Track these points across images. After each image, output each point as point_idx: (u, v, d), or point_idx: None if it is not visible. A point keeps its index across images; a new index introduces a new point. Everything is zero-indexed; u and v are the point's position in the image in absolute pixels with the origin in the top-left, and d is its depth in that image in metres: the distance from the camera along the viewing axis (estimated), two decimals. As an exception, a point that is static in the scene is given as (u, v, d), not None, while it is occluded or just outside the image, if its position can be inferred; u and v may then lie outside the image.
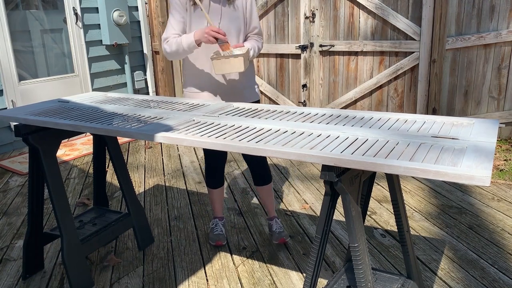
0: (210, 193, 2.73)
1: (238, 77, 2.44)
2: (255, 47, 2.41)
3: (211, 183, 2.68)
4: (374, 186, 3.52)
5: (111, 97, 2.61)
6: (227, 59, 2.12)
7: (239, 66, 2.14)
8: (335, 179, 1.48)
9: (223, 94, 2.45)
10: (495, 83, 4.25)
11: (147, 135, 1.78)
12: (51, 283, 2.38)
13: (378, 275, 2.00)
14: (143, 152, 4.64)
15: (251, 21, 2.44)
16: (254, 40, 2.46)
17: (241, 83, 2.46)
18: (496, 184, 3.47)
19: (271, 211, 2.77)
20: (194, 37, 2.22)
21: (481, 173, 1.24)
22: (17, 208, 3.34)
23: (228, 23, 2.35)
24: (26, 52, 4.97)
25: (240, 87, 2.46)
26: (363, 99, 4.80)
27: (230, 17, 2.35)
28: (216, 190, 2.70)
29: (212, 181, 2.67)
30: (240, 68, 2.14)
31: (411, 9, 4.33)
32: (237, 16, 2.37)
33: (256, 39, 2.46)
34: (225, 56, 2.13)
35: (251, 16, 2.43)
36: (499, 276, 2.32)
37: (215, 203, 2.76)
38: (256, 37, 2.47)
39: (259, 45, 2.45)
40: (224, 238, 2.72)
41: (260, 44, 2.47)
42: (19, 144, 4.82)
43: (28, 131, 2.13)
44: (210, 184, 2.69)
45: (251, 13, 2.43)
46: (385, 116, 1.88)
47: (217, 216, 2.79)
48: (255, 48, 2.40)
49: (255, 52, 2.40)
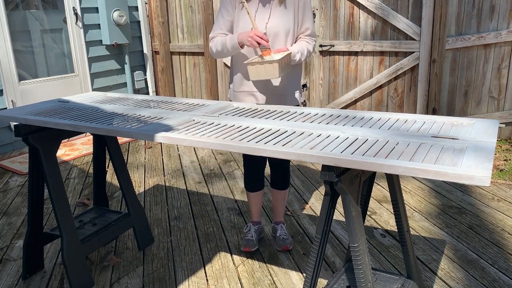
0: (247, 196, 2.66)
1: (282, 80, 2.34)
2: (304, 50, 2.28)
3: (248, 186, 2.60)
4: (374, 186, 3.52)
5: (111, 97, 2.61)
6: (261, 65, 2.03)
7: (273, 73, 2.03)
8: (335, 179, 1.48)
9: (266, 95, 2.36)
10: (495, 83, 4.25)
11: (147, 135, 1.78)
12: (51, 283, 2.38)
13: (378, 275, 2.00)
14: (143, 152, 4.64)
15: (303, 21, 2.31)
16: (305, 42, 2.32)
17: (284, 87, 2.35)
18: (496, 184, 3.47)
19: (279, 216, 2.69)
20: (237, 39, 2.19)
21: (481, 173, 1.24)
22: (17, 208, 3.34)
23: (276, 23, 2.24)
24: (26, 52, 4.97)
25: (282, 90, 2.36)
26: (363, 99, 4.80)
27: (279, 16, 2.25)
28: (253, 193, 2.61)
29: (250, 184, 2.59)
30: (274, 75, 2.04)
31: (411, 9, 4.33)
32: (287, 16, 2.25)
33: (307, 41, 2.33)
34: (259, 62, 2.04)
35: (303, 16, 2.30)
36: (499, 276, 2.32)
37: (251, 207, 2.67)
38: (307, 39, 2.34)
39: (309, 48, 2.31)
40: (254, 244, 2.61)
41: (311, 47, 2.33)
42: (19, 144, 4.82)
43: (28, 131, 2.13)
44: (248, 187, 2.61)
45: (303, 13, 2.29)
46: (385, 116, 1.88)
47: (252, 221, 2.71)
48: (303, 51, 2.27)
49: (303, 55, 2.27)
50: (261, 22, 2.24)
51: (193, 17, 5.64)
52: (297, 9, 2.27)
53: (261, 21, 2.24)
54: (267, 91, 2.36)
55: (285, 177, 2.58)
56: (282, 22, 2.25)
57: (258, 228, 2.70)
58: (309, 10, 2.31)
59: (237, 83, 2.41)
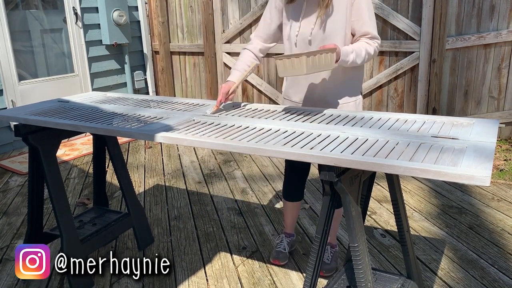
0: (284, 204, 2.49)
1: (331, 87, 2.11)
2: (361, 50, 1.96)
3: (286, 194, 2.41)
4: (374, 186, 3.52)
5: (111, 97, 2.61)
6: (288, 59, 1.81)
7: (301, 69, 1.79)
8: (335, 179, 1.48)
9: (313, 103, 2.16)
10: (495, 83, 4.25)
11: (147, 135, 1.78)
12: (51, 283, 2.38)
13: (378, 275, 2.00)
14: (143, 152, 4.64)
15: (362, 24, 1.99)
16: (364, 42, 2.00)
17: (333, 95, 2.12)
18: (496, 184, 3.47)
19: (332, 238, 2.43)
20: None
21: (481, 173, 1.24)
22: (17, 208, 3.34)
23: (322, 28, 2.00)
24: (26, 52, 4.97)
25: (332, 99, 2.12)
26: (363, 99, 4.79)
27: (326, 21, 2.00)
28: (290, 203, 2.44)
29: (288, 192, 2.40)
30: (301, 71, 1.80)
31: (411, 9, 4.33)
32: (336, 19, 1.99)
33: (366, 42, 2.00)
34: (286, 56, 1.82)
35: (359, 18, 1.98)
36: (499, 276, 2.32)
37: (286, 217, 2.52)
38: (367, 40, 2.01)
39: (368, 49, 1.98)
40: (285, 258, 2.47)
41: (371, 49, 1.99)
42: (19, 144, 4.81)
43: (28, 131, 2.13)
44: (285, 195, 2.42)
45: (359, 15, 1.98)
46: (385, 116, 1.88)
47: (285, 232, 2.56)
48: (360, 52, 1.95)
49: (359, 56, 1.95)
50: (307, 27, 2.03)
51: (193, 17, 5.64)
52: (349, 12, 1.98)
53: (307, 27, 2.03)
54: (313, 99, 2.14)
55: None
56: (331, 26, 1.99)
57: (291, 240, 2.55)
58: (366, 11, 1.98)
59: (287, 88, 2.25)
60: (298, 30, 2.05)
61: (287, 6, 2.09)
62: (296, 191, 2.40)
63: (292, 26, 2.07)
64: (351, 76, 2.11)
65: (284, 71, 1.84)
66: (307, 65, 1.77)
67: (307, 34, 2.04)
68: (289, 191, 2.41)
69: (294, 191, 2.40)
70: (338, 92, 2.11)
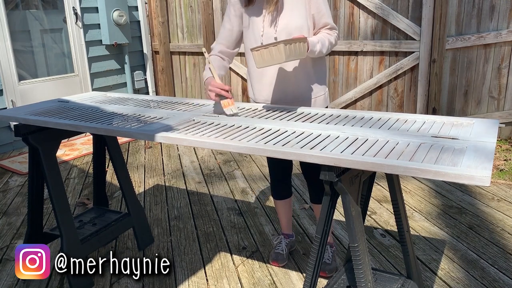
0: (275, 204, 2.51)
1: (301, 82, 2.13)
2: (325, 40, 2.03)
3: (274, 192, 2.45)
4: (374, 186, 3.52)
5: (111, 97, 2.61)
6: (266, 49, 1.81)
7: (280, 57, 1.80)
8: (335, 179, 1.48)
9: (287, 102, 2.17)
10: (495, 83, 4.25)
11: (147, 135, 1.78)
12: (51, 283, 2.38)
13: (378, 275, 2.00)
14: (143, 152, 4.64)
15: (321, 16, 2.07)
16: (325, 33, 2.08)
17: (305, 90, 2.15)
18: (496, 184, 3.47)
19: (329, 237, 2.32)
20: (205, 83, 2.11)
21: (481, 173, 1.24)
22: (17, 208, 3.34)
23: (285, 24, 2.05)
24: (26, 52, 4.97)
25: (303, 94, 2.15)
26: (363, 99, 4.79)
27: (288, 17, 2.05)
28: (280, 201, 2.45)
29: (275, 190, 2.44)
30: (280, 59, 1.80)
31: (411, 9, 4.33)
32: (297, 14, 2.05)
33: (327, 33, 2.08)
34: (263, 46, 1.84)
35: (317, 11, 2.07)
36: (499, 276, 2.32)
37: (280, 217, 2.51)
38: (327, 31, 2.09)
39: (330, 39, 2.07)
40: (284, 259, 2.46)
41: (332, 38, 2.08)
42: (19, 144, 4.81)
43: (28, 131, 2.13)
44: (274, 194, 2.45)
45: (317, 8, 2.06)
46: (385, 116, 1.88)
47: (283, 233, 2.55)
48: (323, 42, 2.01)
49: (324, 46, 2.01)
50: (271, 26, 2.07)
51: (193, 17, 5.64)
52: (308, 4, 2.06)
53: (271, 26, 2.07)
54: (286, 98, 2.16)
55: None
56: (293, 21, 2.05)
57: (289, 241, 2.54)
58: (322, 2, 2.07)
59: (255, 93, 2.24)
60: (263, 30, 2.08)
61: (247, 9, 2.12)
62: (283, 188, 2.43)
63: (256, 28, 2.11)
64: (318, 68, 2.17)
65: (262, 61, 1.84)
66: (285, 52, 1.79)
67: (271, 32, 2.08)
68: (277, 190, 2.44)
69: (281, 189, 2.43)
70: (310, 85, 2.16)
